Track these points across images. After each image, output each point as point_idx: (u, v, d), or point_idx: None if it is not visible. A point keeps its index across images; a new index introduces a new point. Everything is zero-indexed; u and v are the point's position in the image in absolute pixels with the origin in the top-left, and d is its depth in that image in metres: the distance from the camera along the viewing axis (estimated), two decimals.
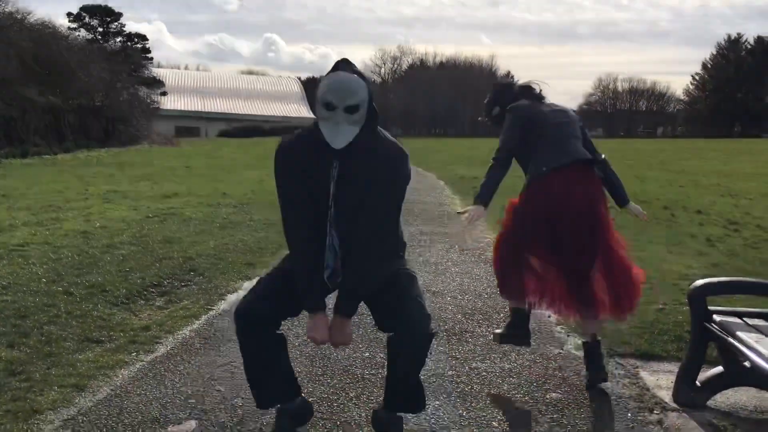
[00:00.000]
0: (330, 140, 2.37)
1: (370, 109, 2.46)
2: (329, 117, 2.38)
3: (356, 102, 2.38)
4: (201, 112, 65.37)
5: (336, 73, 2.43)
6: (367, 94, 2.43)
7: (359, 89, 2.39)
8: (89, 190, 11.90)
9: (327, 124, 2.38)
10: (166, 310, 4.68)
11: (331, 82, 2.40)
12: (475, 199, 3.73)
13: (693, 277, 4.85)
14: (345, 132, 2.37)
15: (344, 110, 2.36)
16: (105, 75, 31.09)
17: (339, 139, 2.37)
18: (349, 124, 2.38)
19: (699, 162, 21.16)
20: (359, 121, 2.41)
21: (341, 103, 2.36)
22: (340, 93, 2.36)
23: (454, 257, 6.79)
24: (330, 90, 2.38)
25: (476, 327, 4.47)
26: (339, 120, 2.37)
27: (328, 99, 2.38)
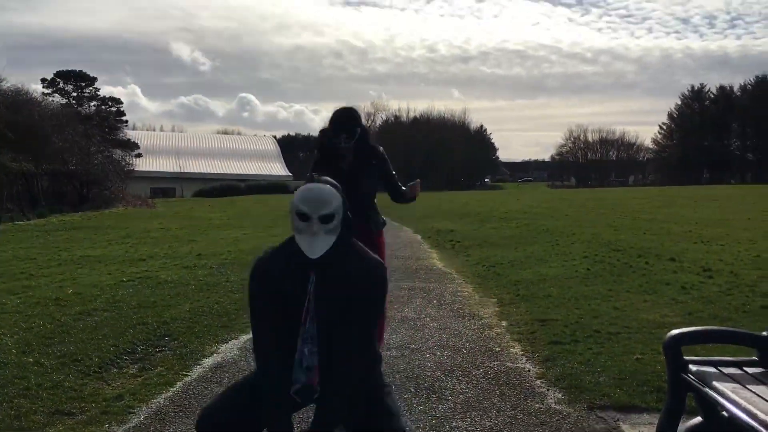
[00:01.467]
0: (306, 250, 2.39)
1: (344, 219, 2.50)
2: (304, 228, 2.41)
3: (330, 211, 2.42)
4: (177, 173, 65.30)
5: (308, 185, 2.50)
6: (341, 204, 2.47)
7: (332, 198, 2.44)
8: (62, 255, 11.74)
9: (303, 236, 2.41)
10: (140, 378, 4.59)
11: (305, 193, 2.45)
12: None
13: (669, 326, 4.89)
14: (321, 241, 2.40)
15: (319, 220, 2.40)
16: (79, 139, 31.06)
17: (315, 248, 2.39)
18: (324, 233, 2.41)
19: (670, 209, 21.52)
20: (335, 230, 2.44)
21: (315, 213, 2.40)
22: (313, 203, 2.41)
23: (432, 312, 6.77)
24: (303, 201, 2.43)
25: (456, 384, 4.43)
26: (315, 230, 2.40)
27: (302, 210, 2.41)
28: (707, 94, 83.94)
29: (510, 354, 5.19)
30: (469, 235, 15.03)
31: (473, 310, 6.90)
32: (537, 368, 4.78)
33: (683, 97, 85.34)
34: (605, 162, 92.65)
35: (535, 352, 5.18)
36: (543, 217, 19.40)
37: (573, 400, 4.08)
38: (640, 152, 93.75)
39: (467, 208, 25.26)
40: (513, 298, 7.44)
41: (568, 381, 4.40)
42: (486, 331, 5.98)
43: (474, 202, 29.96)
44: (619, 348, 5.13)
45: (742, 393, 2.78)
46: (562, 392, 4.23)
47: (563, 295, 7.38)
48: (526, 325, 6.11)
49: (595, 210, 22.27)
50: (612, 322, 6.00)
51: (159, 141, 71.77)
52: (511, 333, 5.88)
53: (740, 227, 14.62)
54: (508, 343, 5.55)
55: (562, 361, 4.84)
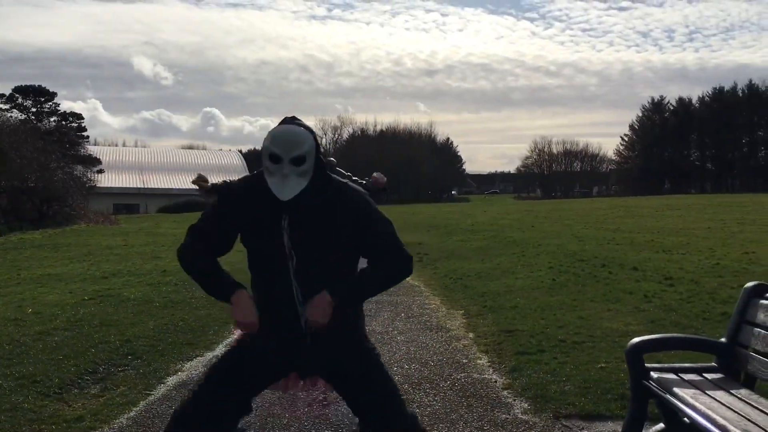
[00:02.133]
0: (277, 192, 2.30)
1: (317, 162, 2.40)
2: (275, 170, 2.32)
3: (302, 152, 2.32)
4: (140, 189, 64.42)
5: (282, 126, 2.40)
6: (314, 145, 2.37)
7: (305, 140, 2.35)
8: (22, 274, 11.46)
9: (274, 177, 2.32)
10: (102, 398, 4.49)
11: (276, 134, 2.35)
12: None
13: (632, 334, 4.96)
14: (292, 184, 2.31)
15: (290, 162, 2.30)
16: (38, 155, 30.47)
17: (286, 191, 2.30)
18: (296, 176, 2.32)
19: (633, 219, 21.90)
20: (307, 173, 2.35)
21: (287, 155, 2.30)
22: (285, 144, 2.32)
23: (399, 325, 6.77)
24: (274, 141, 2.33)
25: (424, 396, 4.43)
26: (286, 172, 2.30)
27: (272, 150, 2.32)
28: (667, 105, 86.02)
29: (477, 365, 5.21)
30: (436, 248, 15.09)
31: (441, 323, 6.92)
32: (504, 379, 4.81)
33: (644, 109, 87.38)
34: (570, 173, 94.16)
35: (502, 363, 5.21)
36: (509, 228, 19.58)
37: (539, 409, 4.10)
38: (603, 163, 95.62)
39: (434, 221, 25.37)
40: (480, 310, 7.48)
41: (534, 391, 4.43)
42: (453, 343, 6.00)
43: (441, 215, 30.12)
44: (583, 357, 5.19)
45: (701, 399, 2.84)
46: (528, 402, 4.26)
47: (529, 306, 7.45)
48: (493, 336, 6.14)
49: (560, 221, 22.56)
50: (577, 332, 6.07)
51: (122, 156, 70.76)
52: (478, 344, 5.91)
53: (701, 236, 14.94)
54: (475, 354, 5.57)
55: (528, 371, 4.87)
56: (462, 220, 25.21)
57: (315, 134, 2.43)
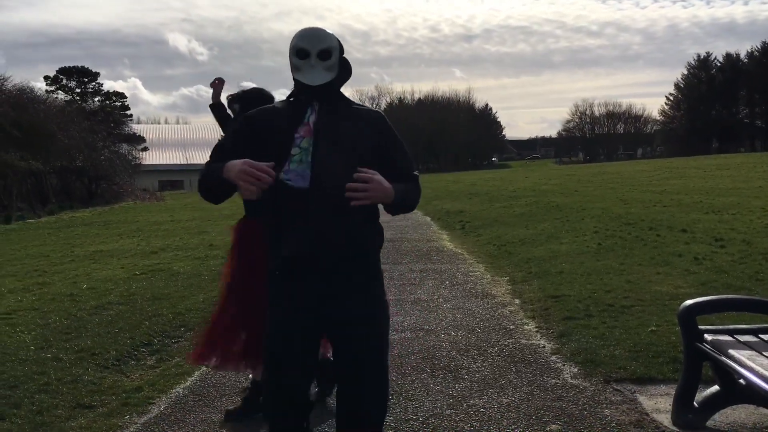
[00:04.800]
0: (306, 80, 2.37)
1: (342, 63, 2.47)
2: (303, 65, 2.39)
3: (327, 46, 2.39)
4: (183, 165, 65.37)
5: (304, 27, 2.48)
6: (337, 43, 2.44)
7: (329, 36, 2.43)
8: (75, 251, 11.81)
9: (302, 71, 2.39)
10: (158, 369, 4.63)
11: (303, 31, 2.43)
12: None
13: (682, 297, 4.87)
14: (321, 73, 2.38)
15: (317, 56, 2.38)
16: (85, 135, 31.16)
17: (315, 77, 2.37)
18: (323, 69, 2.38)
19: (680, 181, 21.40)
20: (333, 68, 2.41)
21: (313, 48, 2.37)
22: (312, 38, 2.39)
23: (445, 293, 6.78)
24: (302, 37, 2.40)
25: (471, 363, 4.44)
26: (314, 64, 2.38)
27: (300, 45, 2.39)
28: (714, 62, 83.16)
29: (524, 331, 5.20)
30: (478, 215, 15.01)
31: (486, 290, 6.90)
32: (552, 344, 4.79)
33: (689, 67, 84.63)
34: (613, 136, 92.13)
35: (550, 329, 5.19)
36: (552, 194, 19.34)
37: (589, 374, 4.08)
38: (647, 124, 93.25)
39: (475, 188, 25.21)
40: (525, 276, 7.44)
41: (583, 356, 4.40)
42: (499, 309, 5.99)
43: (482, 182, 29.88)
44: (633, 321, 5.13)
45: (758, 360, 2.78)
46: (577, 367, 4.24)
47: (575, 271, 7.38)
48: (540, 302, 6.11)
49: (604, 184, 22.18)
50: (625, 296, 5.99)
51: (164, 134, 71.87)
52: (524, 310, 5.89)
53: (751, 195, 14.53)
54: (522, 320, 5.55)
55: (577, 336, 4.84)
56: (503, 186, 24.98)
57: (338, 39, 2.49)
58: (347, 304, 2.30)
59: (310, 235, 2.25)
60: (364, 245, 2.35)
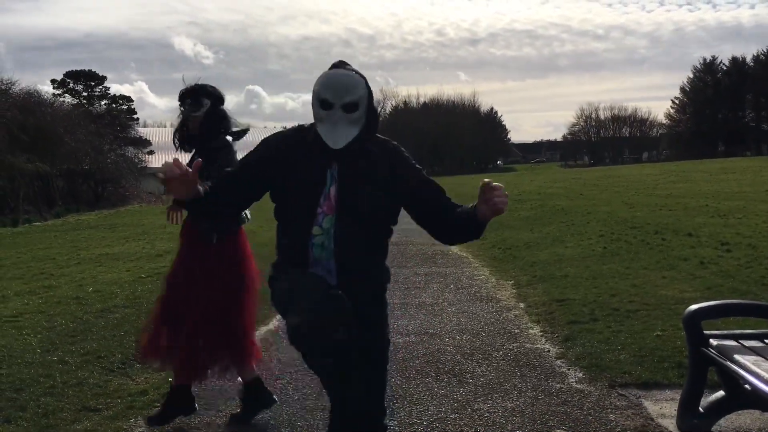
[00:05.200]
0: (328, 140, 2.18)
1: (370, 112, 2.27)
2: (326, 117, 2.20)
3: (355, 99, 2.20)
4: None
5: (333, 70, 2.26)
6: (366, 92, 2.25)
7: (358, 86, 2.22)
8: (81, 254, 11.85)
9: (324, 125, 2.20)
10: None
11: (328, 79, 2.22)
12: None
13: (688, 301, 4.86)
14: (344, 132, 2.19)
15: (342, 108, 2.19)
16: (92, 138, 31.27)
17: (338, 139, 2.18)
18: (348, 123, 2.20)
19: (686, 184, 21.33)
20: (359, 121, 2.23)
21: (338, 101, 2.18)
22: (337, 90, 2.19)
23: (449, 297, 6.77)
24: (326, 86, 2.20)
25: (476, 367, 4.44)
26: (337, 119, 2.19)
27: (324, 96, 2.20)
28: (719, 66, 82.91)
29: (529, 335, 5.20)
30: None
31: (491, 293, 6.90)
32: (557, 348, 4.78)
33: (695, 70, 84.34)
34: (618, 139, 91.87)
35: (555, 333, 5.18)
36: (557, 197, 19.31)
37: (594, 378, 4.08)
38: (653, 128, 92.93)
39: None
40: (530, 280, 7.43)
41: (588, 360, 4.40)
42: (504, 313, 5.98)
43: None
44: (638, 325, 5.12)
45: (764, 365, 2.77)
46: (582, 371, 4.23)
47: (580, 275, 7.37)
48: (544, 305, 6.10)
49: (609, 188, 22.13)
50: (630, 300, 5.98)
51: (170, 137, 71.56)
52: (529, 314, 5.88)
53: (758, 199, 14.48)
54: (526, 324, 5.55)
55: (582, 341, 4.83)
56: (508, 189, 24.64)
57: (367, 81, 2.29)
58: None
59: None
60: (379, 289, 2.41)
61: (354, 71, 2.27)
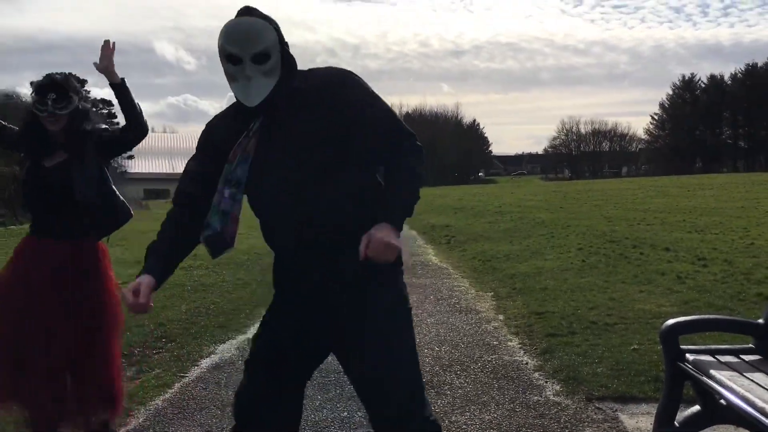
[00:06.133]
0: (243, 98, 1.99)
1: (286, 58, 2.04)
2: (237, 73, 1.98)
3: (263, 48, 1.96)
4: (169, 174, 65.15)
5: (235, 19, 2.00)
6: (276, 36, 2.00)
7: (265, 33, 1.97)
8: None
9: (237, 84, 1.99)
10: (138, 381, 4.57)
11: (229, 29, 1.97)
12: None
13: (665, 316, 4.91)
14: (259, 85, 1.97)
15: (252, 61, 1.96)
16: None
17: (252, 94, 1.98)
18: (261, 75, 1.97)
19: (664, 199, 21.58)
20: (274, 71, 1.99)
21: (246, 53, 1.95)
22: (242, 41, 1.95)
23: (429, 308, 6.77)
24: (229, 39, 1.96)
25: (454, 378, 4.43)
26: (249, 74, 1.96)
27: (228, 50, 1.97)
28: (698, 83, 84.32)
29: (508, 347, 5.20)
30: (464, 230, 15.05)
31: (470, 305, 6.91)
32: (535, 361, 4.79)
33: (674, 87, 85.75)
34: (598, 153, 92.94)
35: (533, 345, 5.19)
36: (538, 210, 19.43)
37: (571, 391, 4.08)
38: (632, 143, 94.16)
39: (461, 203, 25.30)
40: (510, 292, 7.45)
41: (565, 373, 4.41)
42: (483, 325, 5.99)
43: (468, 197, 30.00)
44: (616, 339, 5.14)
45: (739, 381, 2.79)
46: (560, 384, 4.24)
47: (559, 288, 7.40)
48: (523, 318, 6.12)
49: (589, 202, 22.32)
50: (608, 313, 6.01)
51: (151, 142, 71.48)
52: (508, 326, 5.89)
53: (734, 215, 14.67)
54: (505, 336, 5.55)
55: (560, 353, 4.85)
56: (489, 201, 25.08)
57: (277, 24, 2.05)
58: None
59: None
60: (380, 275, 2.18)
61: (261, 16, 2.02)
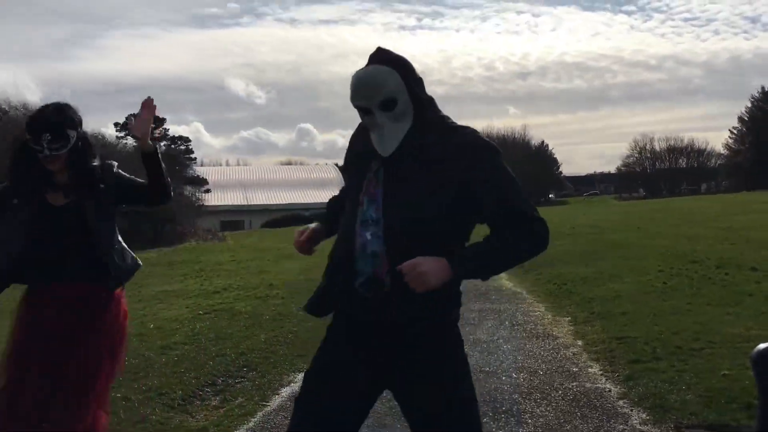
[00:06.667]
0: (379, 149, 2.03)
1: (417, 99, 2.04)
2: (369, 122, 2.04)
3: (388, 96, 1.98)
4: (244, 206, 66.87)
5: (358, 70, 2.05)
6: (400, 80, 1.99)
7: (387, 79, 1.98)
8: (142, 291, 12.15)
9: (373, 132, 2.05)
10: (222, 410, 4.70)
11: (353, 85, 2.02)
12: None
13: (755, 339, 4.70)
14: (391, 134, 2.01)
15: (380, 108, 1.99)
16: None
17: (386, 144, 2.01)
18: (393, 121, 2.00)
19: (747, 216, 20.67)
20: (405, 115, 2.02)
21: (372, 103, 1.99)
22: (365, 91, 1.99)
23: (504, 334, 6.70)
24: (355, 92, 2.01)
25: (535, 407, 4.37)
26: (380, 121, 2.00)
27: (357, 103, 2.03)
28: None
29: (589, 374, 5.09)
30: None
31: (547, 330, 6.79)
32: (618, 388, 4.67)
33: (753, 99, 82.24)
34: (675, 170, 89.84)
35: (615, 372, 5.06)
36: (613, 230, 18.96)
37: (659, 420, 3.96)
38: (711, 158, 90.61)
39: None
40: (588, 316, 7.29)
41: (652, 400, 4.28)
42: (562, 351, 5.88)
43: None
44: (704, 364, 4.96)
45: None
46: (646, 412, 4.11)
47: (640, 311, 7.19)
48: (603, 343, 5.97)
49: (667, 221, 21.61)
50: (694, 338, 5.80)
51: (225, 175, 73.76)
52: (588, 352, 5.76)
53: None
54: (585, 362, 5.44)
55: (645, 380, 4.71)
56: (562, 223, 24.60)
57: (405, 64, 2.05)
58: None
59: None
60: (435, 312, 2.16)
61: (387, 58, 2.03)
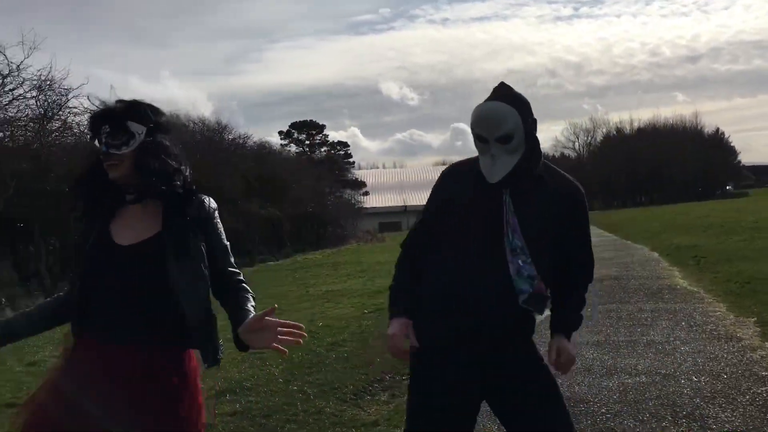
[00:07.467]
0: (486, 174, 2.24)
1: (531, 139, 2.26)
2: (484, 149, 2.26)
3: (506, 132, 2.20)
4: (401, 207, 68.22)
5: (483, 104, 2.28)
6: (519, 121, 2.22)
7: (508, 117, 2.20)
8: (310, 291, 12.80)
9: (483, 158, 2.27)
10: (392, 405, 4.83)
11: (478, 114, 2.27)
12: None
13: None
14: (502, 164, 2.22)
15: (496, 141, 2.21)
16: (314, 183, 33.96)
17: (494, 172, 2.22)
18: (505, 154, 2.22)
19: None
20: (517, 150, 2.23)
21: (491, 135, 2.22)
22: (487, 124, 2.22)
23: (681, 335, 6.30)
24: (477, 122, 2.26)
25: (719, 412, 4.08)
26: (494, 152, 2.22)
27: (476, 132, 2.26)
28: None
29: None
30: (714, 249, 13.78)
31: (730, 332, 6.31)
32: None
33: None
34: None
35: None
36: None
37: None
38: None
39: (708, 220, 23.17)
40: None
41: None
42: (748, 353, 5.43)
43: (715, 213, 27.38)
44: None
45: None
46: None
47: None
48: None
49: None
50: None
51: (383, 178, 75.66)
52: None
53: None
54: None
55: None
56: (742, 217, 22.66)
57: (525, 104, 2.27)
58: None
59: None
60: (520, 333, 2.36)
61: (510, 96, 2.26)
